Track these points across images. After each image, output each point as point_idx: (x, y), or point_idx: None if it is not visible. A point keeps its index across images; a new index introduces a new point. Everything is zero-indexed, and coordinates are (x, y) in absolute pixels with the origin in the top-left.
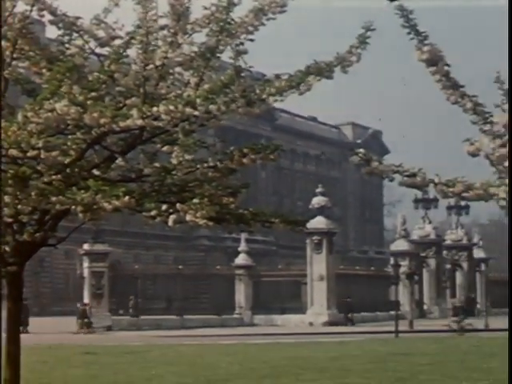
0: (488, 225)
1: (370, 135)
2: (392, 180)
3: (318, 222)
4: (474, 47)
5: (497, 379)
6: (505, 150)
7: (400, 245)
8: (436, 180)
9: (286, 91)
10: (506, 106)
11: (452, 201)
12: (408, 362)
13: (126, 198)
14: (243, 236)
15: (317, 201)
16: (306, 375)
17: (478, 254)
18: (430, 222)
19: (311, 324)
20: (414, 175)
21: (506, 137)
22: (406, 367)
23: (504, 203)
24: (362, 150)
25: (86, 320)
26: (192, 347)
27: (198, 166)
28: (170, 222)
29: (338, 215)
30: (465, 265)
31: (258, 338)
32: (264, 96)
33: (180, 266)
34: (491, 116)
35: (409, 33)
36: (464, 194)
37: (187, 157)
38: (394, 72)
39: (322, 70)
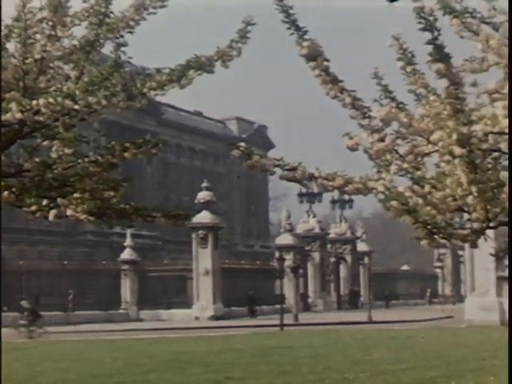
0: (371, 218)
1: (255, 130)
2: (273, 174)
3: (204, 217)
4: (356, 46)
5: (379, 371)
6: (382, 145)
7: (285, 239)
8: (316, 174)
9: (167, 85)
10: (384, 101)
11: (336, 194)
12: (292, 355)
13: (5, 193)
14: (129, 231)
15: (202, 195)
16: (191, 369)
17: (362, 247)
18: (314, 216)
19: (197, 318)
20: (294, 169)
21: (384, 131)
22: (290, 360)
23: (382, 197)
24: (242, 144)
25: None
26: (77, 343)
27: (79, 160)
28: (51, 217)
29: (223, 210)
30: (349, 258)
31: (143, 333)
32: (145, 90)
33: (65, 262)
34: (370, 111)
35: (289, 28)
36: (344, 188)
37: (67, 151)
38: (280, 67)
39: (203, 64)
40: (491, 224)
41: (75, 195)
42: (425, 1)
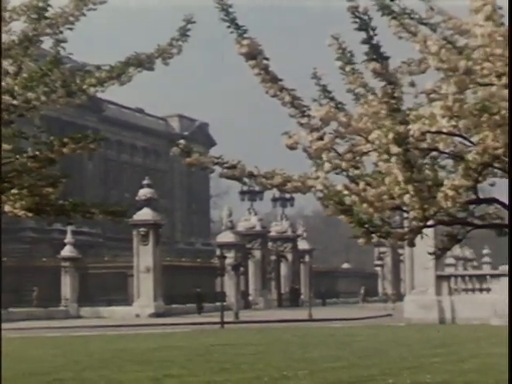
0: (312, 217)
1: (197, 127)
2: (212, 172)
3: (145, 214)
4: (299, 45)
5: (317, 368)
6: (321, 143)
7: (226, 236)
8: (255, 172)
9: (107, 82)
10: (323, 101)
11: (277, 193)
12: (232, 352)
13: None
14: (69, 228)
15: (143, 193)
16: (130, 367)
17: (303, 245)
18: (255, 214)
19: (137, 316)
20: (233, 167)
21: (323, 130)
22: (230, 358)
23: (321, 195)
24: (182, 142)
25: None
26: (16, 340)
27: (18, 156)
28: None
29: (164, 207)
30: (289, 256)
31: (83, 330)
32: (84, 86)
33: (4, 258)
34: (309, 109)
35: (229, 26)
36: (283, 187)
37: (6, 147)
38: (222, 65)
39: (143, 62)
40: (428, 223)
41: (13, 191)
42: (363, 1)
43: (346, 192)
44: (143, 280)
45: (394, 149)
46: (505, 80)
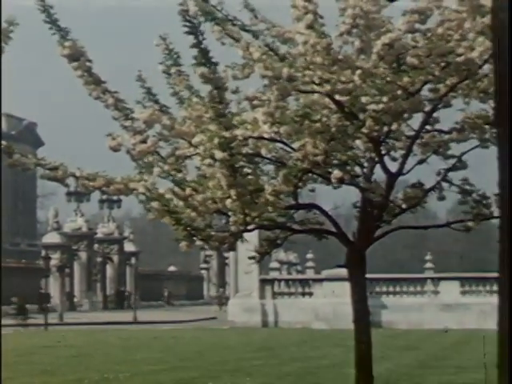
0: (139, 219)
1: (25, 127)
2: (34, 173)
3: None
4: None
5: (139, 371)
6: (145, 146)
7: (51, 237)
8: (77, 174)
9: None
10: (148, 103)
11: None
12: (54, 354)
13: None
14: None
15: None
16: None
17: (129, 247)
18: (82, 215)
19: None
20: (55, 168)
21: (147, 133)
22: (52, 360)
23: (143, 198)
24: (3, 142)
25: None
26: None
27: None
28: None
29: None
30: (116, 258)
31: None
32: None
33: None
34: (132, 112)
35: (51, 28)
36: (104, 189)
37: None
38: (49, 65)
39: None
40: (249, 227)
41: None
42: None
43: (170, 196)
44: None
45: (219, 154)
46: (328, 87)
